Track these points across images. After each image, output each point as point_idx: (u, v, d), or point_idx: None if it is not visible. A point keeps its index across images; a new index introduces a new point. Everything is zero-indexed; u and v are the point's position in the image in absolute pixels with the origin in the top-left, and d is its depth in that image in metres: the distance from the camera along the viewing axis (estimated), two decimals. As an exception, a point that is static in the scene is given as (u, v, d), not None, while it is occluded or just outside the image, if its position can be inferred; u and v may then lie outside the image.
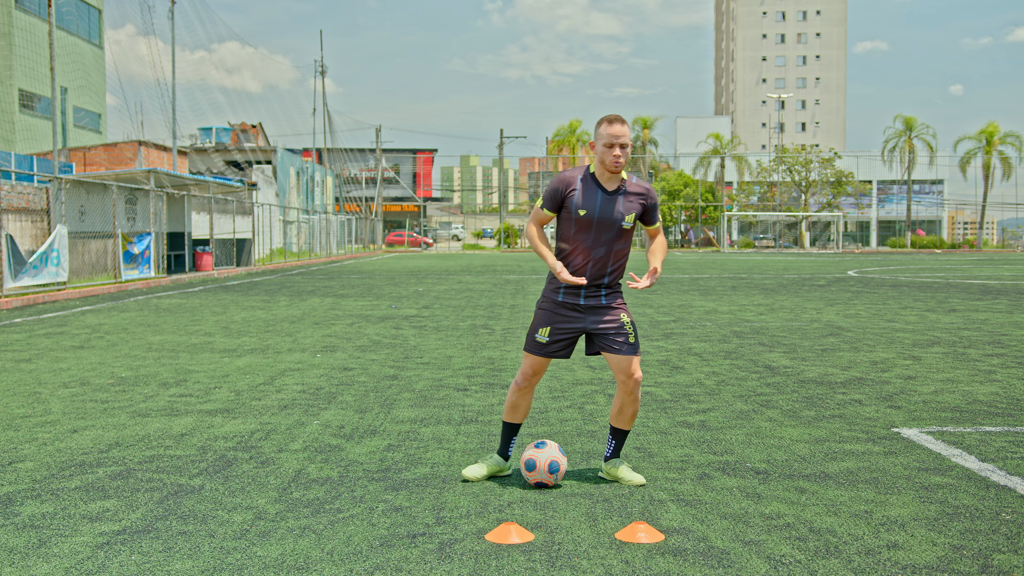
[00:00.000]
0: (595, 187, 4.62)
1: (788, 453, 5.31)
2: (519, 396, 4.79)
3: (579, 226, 4.60)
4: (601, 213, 4.58)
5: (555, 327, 4.66)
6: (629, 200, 4.62)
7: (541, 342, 4.68)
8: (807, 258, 49.15)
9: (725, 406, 6.75)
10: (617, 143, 4.53)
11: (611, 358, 4.65)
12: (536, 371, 4.73)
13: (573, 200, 4.60)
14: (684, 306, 15.84)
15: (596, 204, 4.58)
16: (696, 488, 4.59)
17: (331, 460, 5.18)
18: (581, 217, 4.59)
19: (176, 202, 29.76)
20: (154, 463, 5.14)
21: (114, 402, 7.01)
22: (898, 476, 4.80)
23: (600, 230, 4.59)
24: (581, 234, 4.61)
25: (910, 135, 76.01)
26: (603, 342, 4.66)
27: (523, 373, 4.75)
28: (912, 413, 6.48)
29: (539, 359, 4.70)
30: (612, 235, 4.60)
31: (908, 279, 25.40)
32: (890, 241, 77.71)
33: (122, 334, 11.67)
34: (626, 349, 4.63)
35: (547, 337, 4.67)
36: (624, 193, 4.63)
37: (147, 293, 20.09)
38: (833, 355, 9.46)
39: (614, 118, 4.57)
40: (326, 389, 7.53)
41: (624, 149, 4.55)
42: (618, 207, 4.59)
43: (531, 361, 4.72)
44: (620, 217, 4.59)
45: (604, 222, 4.58)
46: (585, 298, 4.65)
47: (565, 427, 6.03)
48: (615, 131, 4.53)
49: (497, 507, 4.30)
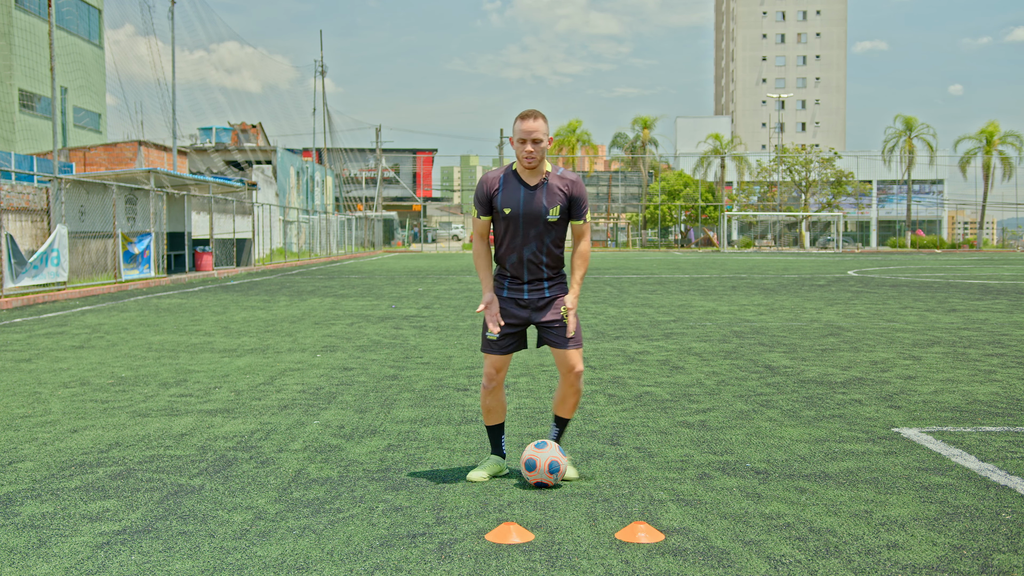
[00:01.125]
0: (517, 183, 4.64)
1: (788, 453, 5.31)
2: (490, 398, 4.83)
3: (506, 224, 4.65)
4: (525, 208, 4.61)
5: (502, 324, 4.72)
6: (552, 193, 4.63)
7: (492, 339, 4.73)
8: (807, 258, 49.15)
9: (725, 406, 6.75)
10: (529, 139, 4.54)
11: (554, 352, 4.77)
12: (498, 369, 4.77)
13: (498, 199, 4.65)
14: (684, 306, 15.84)
15: (519, 200, 4.62)
16: (696, 488, 4.59)
17: (331, 460, 5.18)
18: (507, 215, 4.63)
19: (176, 202, 29.75)
20: (154, 463, 5.14)
21: (114, 402, 7.01)
22: (898, 476, 4.80)
23: (527, 226, 4.62)
24: (510, 232, 4.65)
25: (910, 135, 76.02)
26: (545, 336, 4.76)
27: (486, 374, 4.80)
28: (912, 413, 6.48)
29: (497, 357, 4.75)
30: (540, 229, 4.62)
31: (908, 279, 25.39)
32: (890, 241, 77.74)
33: (122, 334, 11.67)
34: (566, 343, 4.72)
35: (497, 334, 4.72)
36: (547, 186, 4.64)
37: (147, 293, 20.09)
38: (833, 355, 9.46)
39: (527, 113, 4.58)
40: (326, 389, 7.53)
41: (537, 145, 4.54)
42: (542, 201, 4.61)
43: (491, 360, 4.77)
44: (544, 211, 4.60)
45: (529, 217, 4.61)
46: (529, 292, 4.72)
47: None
48: (527, 127, 4.54)
49: (497, 507, 4.30)
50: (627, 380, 7.93)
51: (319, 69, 64.73)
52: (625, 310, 15.07)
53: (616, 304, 16.35)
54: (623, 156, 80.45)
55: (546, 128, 4.60)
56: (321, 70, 64.83)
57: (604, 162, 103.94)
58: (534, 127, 4.55)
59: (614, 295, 18.76)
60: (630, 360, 9.14)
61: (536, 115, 4.59)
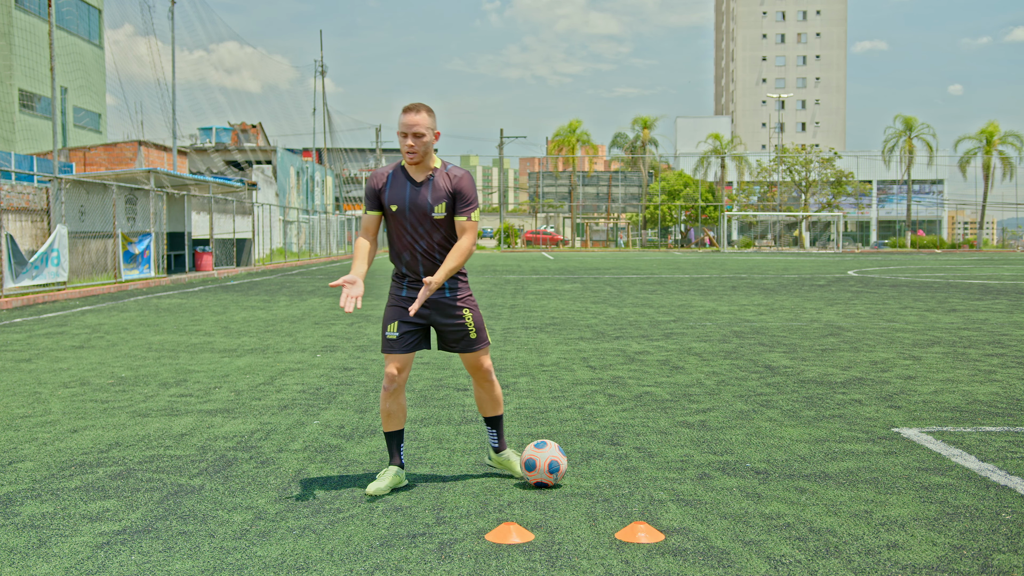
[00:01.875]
0: (404, 179, 4.55)
1: (788, 453, 5.31)
2: (390, 401, 4.63)
3: (395, 221, 4.57)
4: (411, 205, 4.50)
5: (402, 321, 4.58)
6: (436, 189, 4.52)
7: (392, 338, 4.58)
8: (807, 258, 49.16)
9: (725, 406, 6.75)
10: (411, 132, 4.43)
11: (460, 355, 4.73)
12: (399, 369, 4.57)
13: (385, 195, 4.56)
14: (684, 306, 15.84)
15: (405, 196, 4.52)
16: (696, 488, 4.59)
17: (331, 460, 5.18)
18: (394, 212, 4.54)
19: (176, 202, 29.76)
20: (154, 463, 5.14)
21: (114, 402, 7.01)
22: (898, 476, 4.80)
23: (415, 222, 4.51)
24: (399, 229, 4.56)
25: (910, 135, 76.02)
26: (447, 340, 4.67)
27: (387, 376, 4.60)
28: (912, 413, 6.48)
29: (398, 356, 4.55)
30: (428, 227, 4.51)
31: (908, 279, 25.40)
32: (890, 241, 77.71)
33: (122, 334, 11.67)
34: (468, 346, 4.66)
35: (396, 331, 4.57)
36: (432, 182, 4.53)
37: (147, 293, 20.09)
38: (833, 355, 9.46)
39: (410, 107, 4.46)
40: (326, 389, 7.53)
41: (419, 139, 4.42)
42: (427, 197, 4.50)
43: (392, 361, 4.58)
44: (429, 207, 4.50)
45: (415, 213, 4.50)
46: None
47: (565, 427, 6.03)
48: (408, 120, 4.42)
49: (497, 507, 4.30)
50: (627, 380, 7.93)
51: (319, 69, 64.75)
52: (625, 310, 15.07)
53: (616, 304, 16.35)
54: (623, 156, 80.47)
55: (430, 122, 4.46)
56: (321, 70, 64.84)
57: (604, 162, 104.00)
58: (415, 120, 4.42)
59: (614, 295, 18.76)
60: (630, 360, 9.14)
61: (419, 108, 4.45)
